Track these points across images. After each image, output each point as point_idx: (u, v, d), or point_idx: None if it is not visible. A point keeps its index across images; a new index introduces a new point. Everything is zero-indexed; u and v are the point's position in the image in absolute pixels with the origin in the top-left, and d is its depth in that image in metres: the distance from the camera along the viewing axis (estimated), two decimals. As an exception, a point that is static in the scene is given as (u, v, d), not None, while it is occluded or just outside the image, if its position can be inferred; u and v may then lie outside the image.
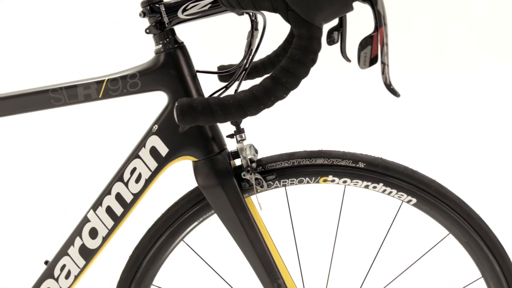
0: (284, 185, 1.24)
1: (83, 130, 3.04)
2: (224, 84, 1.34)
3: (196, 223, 1.27)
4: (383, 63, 0.93)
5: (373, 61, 0.93)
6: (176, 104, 0.94)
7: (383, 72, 0.93)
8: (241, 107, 0.91)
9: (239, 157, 1.24)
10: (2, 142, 3.07)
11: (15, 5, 3.44)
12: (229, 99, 0.92)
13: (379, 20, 0.91)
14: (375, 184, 1.24)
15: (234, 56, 1.48)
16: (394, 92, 0.93)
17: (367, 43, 0.92)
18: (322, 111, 2.49)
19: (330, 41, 1.10)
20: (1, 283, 2.25)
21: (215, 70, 1.32)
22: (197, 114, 0.92)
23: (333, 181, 1.24)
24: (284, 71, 0.90)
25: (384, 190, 1.24)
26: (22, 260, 2.53)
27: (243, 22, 1.33)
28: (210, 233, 1.55)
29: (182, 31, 1.20)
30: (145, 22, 1.16)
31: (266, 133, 1.35)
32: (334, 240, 1.35)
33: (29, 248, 2.61)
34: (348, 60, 1.10)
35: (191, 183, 1.28)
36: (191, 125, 1.01)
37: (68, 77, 1.27)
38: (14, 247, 2.66)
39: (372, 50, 0.92)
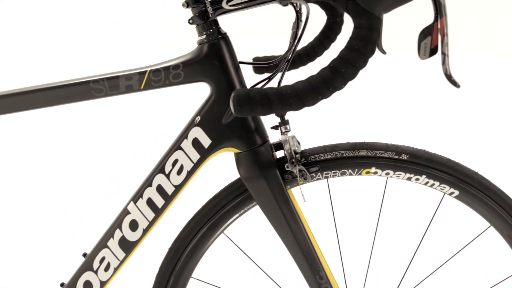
0: (326, 177, 1.25)
1: (116, 123, 3.02)
2: (259, 76, 1.36)
3: (237, 215, 1.28)
4: (443, 53, 0.93)
5: (433, 52, 0.94)
6: (233, 94, 0.94)
7: (443, 63, 0.94)
8: (299, 97, 0.92)
9: (281, 149, 1.25)
10: (23, 136, 3.05)
11: (15, 3, 3.43)
12: (287, 90, 0.93)
13: (440, 10, 0.92)
14: (417, 176, 1.25)
15: (267, 48, 1.49)
16: (454, 83, 0.94)
17: (427, 33, 0.93)
18: (365, 102, 2.50)
19: None
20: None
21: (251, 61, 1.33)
22: (255, 105, 0.93)
23: (375, 173, 1.25)
24: (343, 61, 0.90)
25: (427, 182, 1.26)
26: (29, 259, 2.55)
27: (278, 13, 1.34)
28: (250, 226, 1.56)
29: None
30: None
31: (308, 125, 1.36)
32: (375, 233, 1.36)
33: (53, 243, 2.63)
34: (384, 52, 1.11)
35: (231, 175, 1.29)
36: (247, 116, 1.02)
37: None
38: (26, 243, 2.67)
39: (432, 40, 0.93)
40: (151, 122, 2.98)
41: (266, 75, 1.34)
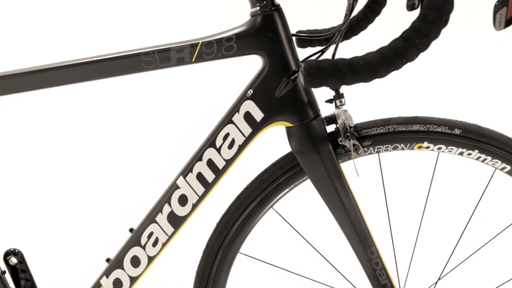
0: (378, 152, 1.27)
1: (166, 96, 2.98)
2: (301, 49, 1.36)
3: (287, 189, 1.29)
4: None
5: (508, 22, 0.95)
6: (303, 65, 0.95)
7: None
8: (371, 68, 0.93)
9: (332, 122, 1.26)
10: (57, 116, 3.01)
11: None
12: (358, 61, 0.94)
13: None
14: (470, 151, 1.26)
15: (307, 21, 1.49)
16: None
17: (503, 4, 0.94)
18: (418, 76, 2.50)
19: (411, 7, 1.12)
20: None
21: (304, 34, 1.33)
22: (326, 76, 0.94)
23: (428, 147, 1.27)
24: (416, 32, 0.91)
25: (479, 157, 1.27)
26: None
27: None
28: (299, 200, 1.58)
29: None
30: None
31: (359, 99, 1.37)
32: (424, 209, 1.38)
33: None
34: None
35: (279, 149, 1.31)
36: (316, 87, 1.03)
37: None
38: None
39: (508, 11, 0.94)
40: (197, 97, 2.94)
41: (310, 49, 1.35)
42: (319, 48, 1.28)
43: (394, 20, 1.46)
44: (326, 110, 1.25)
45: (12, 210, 2.72)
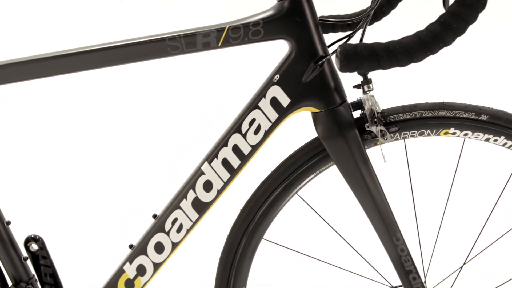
0: (404, 138, 1.27)
1: (190, 81, 2.96)
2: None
3: (312, 175, 1.30)
4: None
5: None
6: (339, 49, 0.96)
7: None
8: (408, 53, 0.93)
9: (358, 108, 1.27)
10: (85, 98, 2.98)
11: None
12: (395, 45, 0.94)
13: None
14: (496, 137, 1.27)
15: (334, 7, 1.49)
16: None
17: None
18: (444, 62, 2.49)
19: None
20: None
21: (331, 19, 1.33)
22: (362, 60, 0.94)
23: (454, 133, 1.27)
24: (454, 16, 0.92)
25: (505, 143, 1.28)
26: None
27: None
28: (323, 187, 1.59)
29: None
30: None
31: (385, 84, 1.37)
32: (448, 195, 1.39)
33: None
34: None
35: (300, 135, 1.31)
36: (352, 71, 1.04)
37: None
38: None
39: None
40: (218, 83, 2.92)
41: (333, 34, 1.35)
42: (341, 34, 1.28)
43: (415, 6, 1.46)
44: (351, 95, 1.26)
45: (33, 197, 2.72)
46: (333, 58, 1.15)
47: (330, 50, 1.21)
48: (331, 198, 1.99)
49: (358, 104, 1.26)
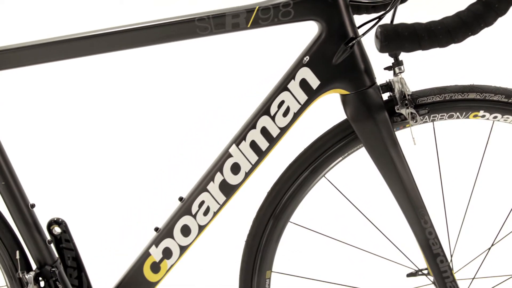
0: (433, 120, 1.28)
1: (218, 63, 2.93)
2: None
3: (340, 158, 1.30)
4: None
5: None
6: (379, 29, 0.96)
7: None
8: (449, 33, 0.94)
9: (388, 91, 1.27)
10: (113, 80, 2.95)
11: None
12: (436, 25, 0.95)
13: None
14: None
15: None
16: None
17: None
18: (474, 44, 2.48)
19: None
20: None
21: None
22: (403, 41, 0.95)
23: (483, 116, 1.28)
24: None
25: (535, 126, 1.29)
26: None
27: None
28: (349, 169, 1.59)
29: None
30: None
31: (414, 67, 1.37)
32: (476, 178, 1.40)
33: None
34: None
35: (325, 117, 1.31)
36: (393, 52, 1.04)
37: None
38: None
39: None
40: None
41: (364, 16, 1.35)
42: (366, 15, 1.29)
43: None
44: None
45: (56, 180, 2.71)
46: (373, 38, 1.15)
47: (360, 31, 1.22)
48: (358, 181, 2.00)
49: (388, 86, 1.26)
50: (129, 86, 2.88)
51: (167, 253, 1.35)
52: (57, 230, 1.44)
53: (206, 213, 1.32)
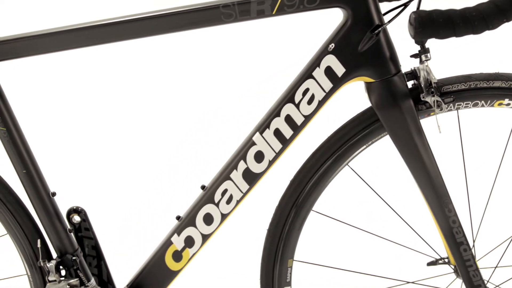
0: (458, 108, 1.28)
1: (241, 49, 2.91)
2: None
3: (364, 146, 1.31)
4: None
5: None
6: (414, 16, 0.96)
7: None
8: (484, 19, 0.94)
9: (412, 78, 1.27)
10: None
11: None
12: (471, 11, 0.95)
13: None
14: None
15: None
16: None
17: None
18: (499, 31, 2.48)
19: None
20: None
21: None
22: (438, 27, 0.95)
23: (508, 104, 1.28)
24: None
25: (560, 115, 1.30)
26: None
27: None
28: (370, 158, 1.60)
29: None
30: None
31: (438, 54, 1.38)
32: (499, 166, 1.41)
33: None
34: None
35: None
36: (427, 39, 1.04)
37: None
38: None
39: None
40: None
41: (385, 3, 1.35)
42: (387, 2, 1.28)
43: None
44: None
45: (76, 168, 2.72)
46: (407, 25, 1.15)
47: (386, 18, 1.22)
48: (380, 170, 2.00)
49: (412, 74, 1.26)
50: (143, 78, 2.88)
51: (189, 242, 1.36)
52: (76, 218, 1.44)
53: (229, 201, 1.32)
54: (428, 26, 0.95)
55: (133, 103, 2.83)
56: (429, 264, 1.46)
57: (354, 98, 1.39)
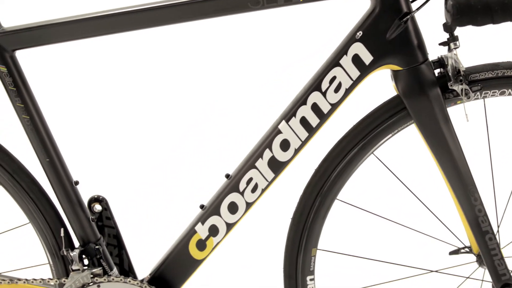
0: (485, 97, 1.29)
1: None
2: None
3: (390, 135, 1.31)
4: None
5: None
6: (451, 2, 0.97)
7: None
8: None
9: (439, 67, 1.28)
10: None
11: None
12: None
13: None
14: None
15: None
16: None
17: None
18: None
19: None
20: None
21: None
22: (475, 14, 0.96)
23: (535, 93, 1.29)
24: None
25: None
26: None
27: None
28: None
29: None
30: None
31: (465, 42, 1.38)
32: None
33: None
34: None
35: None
36: (464, 26, 1.05)
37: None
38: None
39: None
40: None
41: None
42: None
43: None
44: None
45: (97, 157, 2.71)
46: (443, 12, 1.16)
47: (414, 6, 1.22)
48: (404, 158, 2.01)
49: (439, 62, 1.27)
50: (165, 65, 2.86)
51: (213, 231, 1.36)
52: (97, 207, 1.45)
53: (254, 190, 1.33)
54: (466, 13, 0.96)
55: (156, 90, 2.82)
56: (451, 253, 1.47)
57: (379, 87, 1.39)
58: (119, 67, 2.84)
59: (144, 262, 1.53)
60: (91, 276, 1.38)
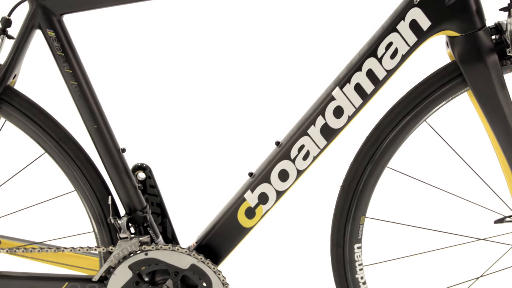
0: (540, 67, 1.30)
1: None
2: None
3: (444, 102, 1.32)
4: None
5: None
6: None
7: None
8: None
9: (496, 33, 1.29)
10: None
11: None
12: None
13: None
14: None
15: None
16: None
17: None
18: None
19: None
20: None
21: None
22: None
23: None
24: None
25: None
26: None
27: None
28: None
29: None
30: None
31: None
32: None
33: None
34: None
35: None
36: None
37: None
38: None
39: None
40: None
41: None
42: None
43: None
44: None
45: (141, 125, 2.72)
46: None
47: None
48: (454, 126, 2.02)
49: (496, 29, 1.27)
50: (217, 40, 2.84)
51: (263, 198, 1.38)
52: (141, 175, 1.46)
53: (305, 157, 1.34)
54: None
55: (203, 61, 2.80)
56: (496, 221, 1.48)
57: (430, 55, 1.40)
58: (168, 35, 2.83)
59: (186, 231, 1.55)
60: (139, 244, 1.40)
